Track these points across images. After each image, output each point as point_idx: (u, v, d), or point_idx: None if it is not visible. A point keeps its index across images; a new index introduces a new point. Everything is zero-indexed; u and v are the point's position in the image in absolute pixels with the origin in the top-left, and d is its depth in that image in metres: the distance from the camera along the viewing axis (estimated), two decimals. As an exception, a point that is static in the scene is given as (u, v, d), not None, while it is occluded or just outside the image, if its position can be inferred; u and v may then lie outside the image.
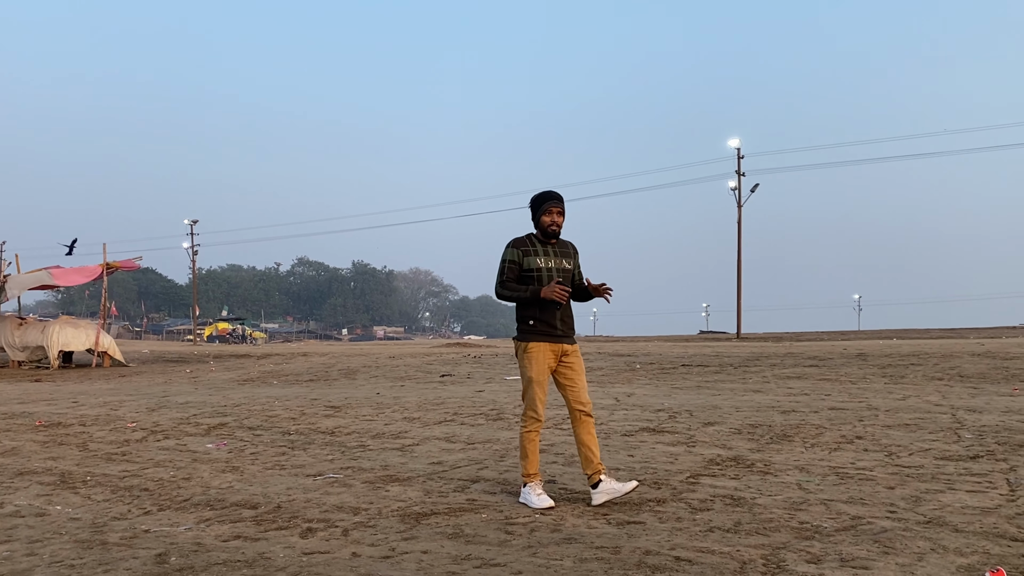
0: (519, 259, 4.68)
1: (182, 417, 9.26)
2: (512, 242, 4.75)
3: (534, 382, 4.66)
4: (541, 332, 4.65)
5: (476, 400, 10.09)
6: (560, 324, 4.67)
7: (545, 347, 4.64)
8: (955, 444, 6.20)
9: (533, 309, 4.65)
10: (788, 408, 8.52)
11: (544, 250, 4.70)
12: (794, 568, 3.40)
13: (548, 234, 4.70)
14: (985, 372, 11.54)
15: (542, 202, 4.70)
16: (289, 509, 4.71)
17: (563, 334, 4.69)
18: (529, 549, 3.80)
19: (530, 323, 4.66)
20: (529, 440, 4.70)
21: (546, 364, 4.65)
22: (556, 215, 4.68)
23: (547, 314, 4.64)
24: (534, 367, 4.64)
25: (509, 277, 4.68)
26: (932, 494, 4.66)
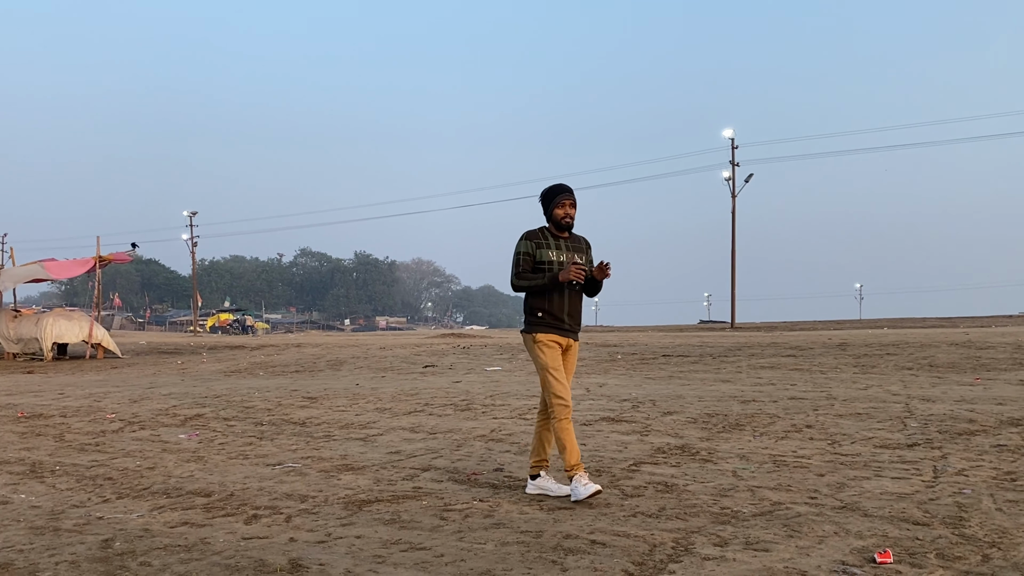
0: (533, 251, 4.66)
1: (161, 408, 9.47)
2: (526, 234, 4.73)
3: (552, 368, 4.62)
4: (548, 324, 4.65)
5: (450, 391, 10.28)
6: (567, 318, 4.67)
7: (554, 338, 4.65)
8: (898, 433, 6.38)
9: (543, 301, 4.64)
10: (749, 398, 8.70)
11: (557, 243, 4.69)
12: (699, 551, 3.58)
13: (561, 227, 4.70)
14: (956, 362, 11.70)
15: (554, 195, 4.70)
16: (241, 497, 4.90)
17: (569, 328, 4.69)
18: (458, 534, 3.99)
19: (538, 315, 4.66)
20: (564, 430, 4.55)
21: (557, 351, 4.66)
22: (568, 207, 4.69)
23: (555, 307, 4.64)
24: (548, 355, 4.63)
25: (525, 268, 4.66)
26: (857, 481, 4.84)
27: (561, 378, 4.62)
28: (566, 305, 4.65)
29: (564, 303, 4.64)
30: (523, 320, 4.77)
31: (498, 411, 8.30)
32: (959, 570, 3.21)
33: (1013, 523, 3.84)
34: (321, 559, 3.63)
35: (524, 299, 4.72)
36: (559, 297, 4.62)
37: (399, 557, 3.65)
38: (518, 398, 9.37)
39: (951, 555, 3.40)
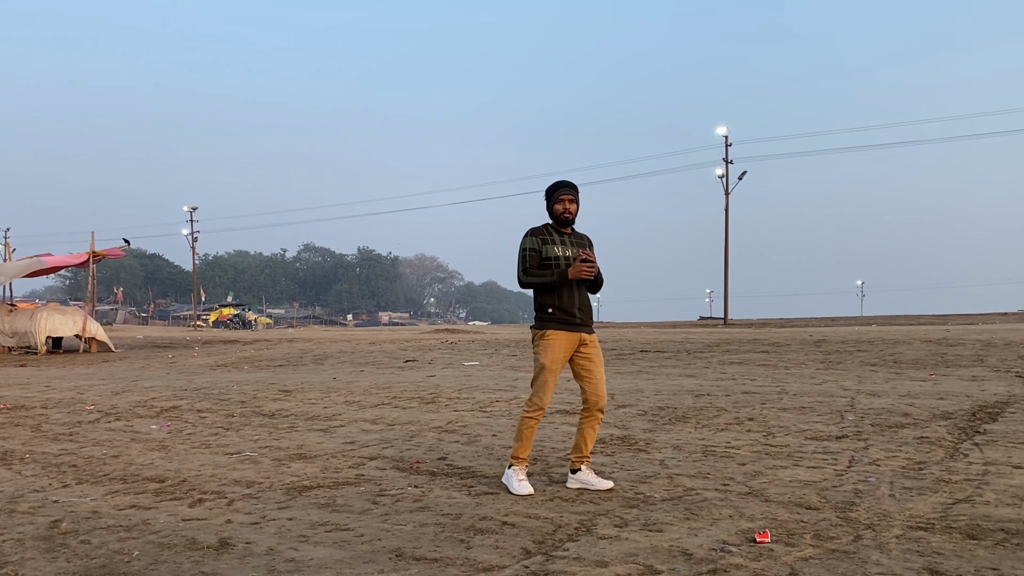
0: (539, 247, 4.68)
1: (140, 400, 9.76)
2: (530, 231, 4.75)
3: (546, 369, 4.63)
4: (560, 320, 4.64)
5: (421, 385, 10.56)
6: (579, 312, 4.67)
7: (563, 336, 4.63)
8: (833, 426, 6.64)
9: (552, 297, 4.64)
10: (705, 392, 8.97)
11: (561, 239, 4.71)
12: (600, 531, 3.85)
13: (561, 222, 4.73)
14: (921, 358, 11.94)
15: (554, 191, 4.74)
16: (192, 483, 5.18)
17: (582, 322, 4.69)
18: (384, 517, 4.26)
19: (549, 311, 4.65)
20: (527, 425, 4.67)
21: (562, 353, 4.64)
22: (568, 203, 4.71)
23: (565, 302, 4.64)
24: (548, 354, 4.63)
25: (531, 264, 4.68)
26: (774, 470, 5.10)
27: (551, 381, 4.65)
28: (576, 299, 4.67)
29: (574, 297, 4.66)
30: (533, 316, 4.80)
31: (461, 404, 8.57)
32: (827, 548, 3.48)
33: (898, 508, 4.10)
34: (249, 538, 3.91)
35: (534, 296, 4.74)
36: (568, 292, 4.65)
37: (322, 537, 3.92)
38: (484, 392, 9.65)
39: (826, 535, 3.66)
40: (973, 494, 4.34)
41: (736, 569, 3.25)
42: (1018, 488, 4.44)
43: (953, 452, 5.49)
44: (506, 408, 8.22)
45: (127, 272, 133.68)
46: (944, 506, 4.12)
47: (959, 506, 4.11)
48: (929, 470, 4.96)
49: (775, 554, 3.42)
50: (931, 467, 5.05)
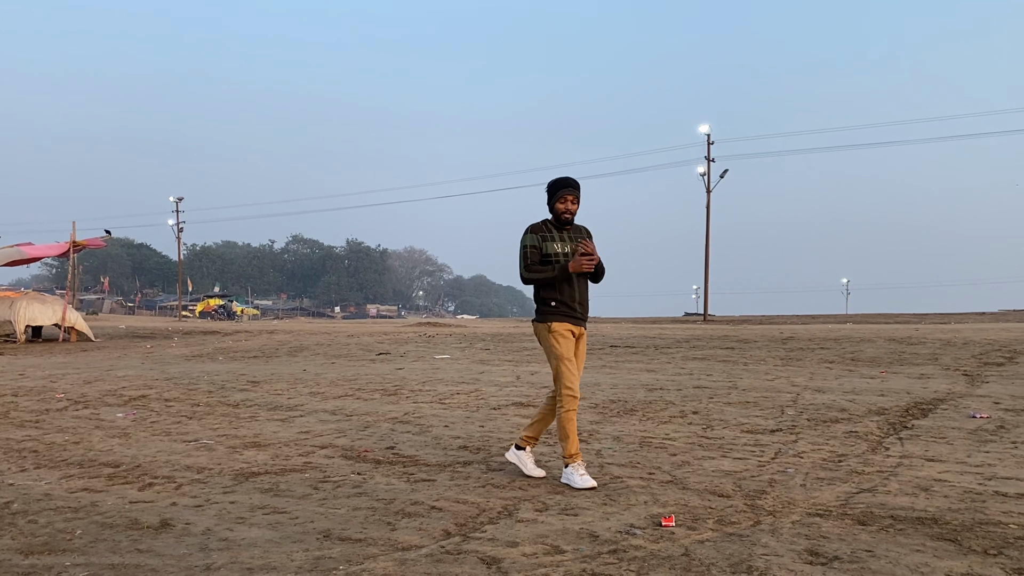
0: (539, 243, 4.77)
1: (111, 389, 9.95)
2: (530, 228, 4.84)
3: (564, 359, 4.71)
4: (562, 313, 4.75)
5: (388, 377, 10.78)
6: (578, 306, 4.79)
7: (567, 327, 4.76)
8: (772, 419, 6.90)
9: (555, 291, 4.74)
10: (659, 386, 9.23)
11: (560, 236, 4.80)
12: (520, 515, 4.09)
13: (562, 221, 4.81)
14: (880, 356, 12.23)
15: (557, 189, 4.78)
16: (145, 468, 5.39)
17: (580, 316, 4.81)
18: (322, 501, 4.48)
19: (551, 304, 4.76)
20: (568, 420, 4.68)
21: (571, 341, 4.77)
22: (570, 203, 4.78)
23: (567, 295, 4.75)
24: (562, 344, 4.73)
25: (533, 261, 4.76)
26: (701, 460, 5.36)
27: (573, 368, 4.72)
28: (576, 293, 4.78)
29: (575, 291, 4.77)
30: (535, 310, 4.88)
31: (421, 397, 8.80)
32: (725, 532, 3.73)
33: (805, 496, 4.36)
34: (189, 519, 4.13)
35: (535, 290, 4.83)
36: (569, 286, 4.75)
37: (258, 519, 4.14)
38: (447, 384, 9.88)
39: (728, 521, 3.91)
40: (879, 485, 4.60)
41: (635, 550, 3.50)
42: (922, 479, 4.70)
43: (876, 446, 5.75)
44: (465, 400, 8.45)
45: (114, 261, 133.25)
46: (848, 495, 4.37)
47: (861, 495, 4.36)
48: (847, 462, 5.22)
49: (675, 537, 3.67)
50: (850, 460, 5.30)
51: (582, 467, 4.70)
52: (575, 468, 4.67)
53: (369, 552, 3.54)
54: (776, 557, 3.35)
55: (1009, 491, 4.41)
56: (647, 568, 3.26)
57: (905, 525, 3.77)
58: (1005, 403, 7.49)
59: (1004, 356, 11.53)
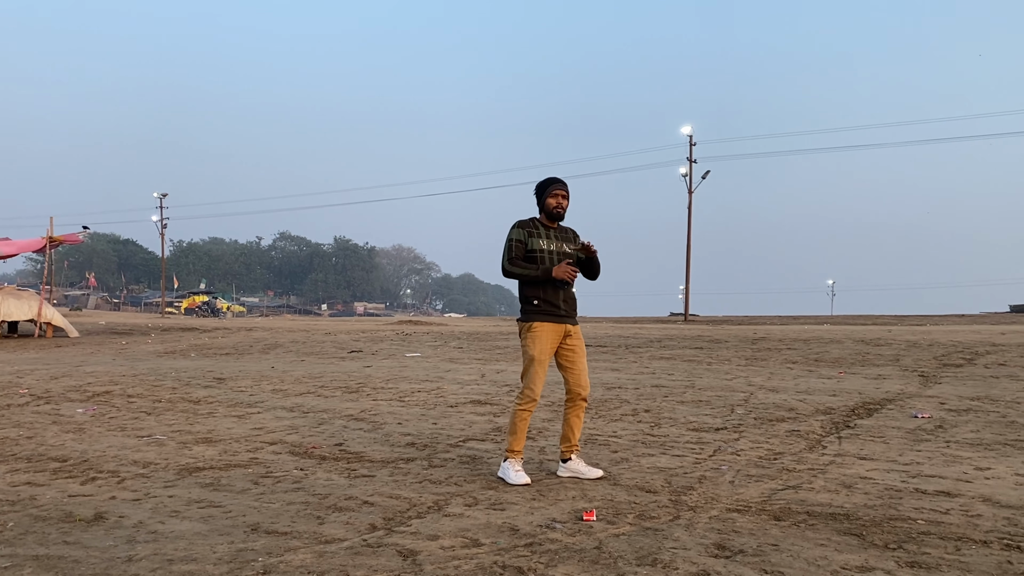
0: (525, 239, 4.80)
1: (76, 385, 9.98)
2: (517, 223, 4.86)
3: (535, 361, 4.73)
4: (546, 312, 4.76)
5: (354, 375, 10.85)
6: (563, 304, 4.80)
7: (549, 327, 4.75)
8: (720, 418, 7.01)
9: (538, 290, 4.76)
10: (619, 385, 9.33)
11: (547, 233, 4.83)
12: (449, 510, 4.18)
13: (552, 217, 4.84)
14: (844, 357, 12.38)
15: (547, 186, 4.83)
16: (93, 463, 5.45)
17: (566, 314, 4.82)
18: (259, 496, 4.55)
19: (534, 303, 4.76)
20: (520, 418, 4.76)
21: (549, 344, 4.76)
22: (561, 198, 4.82)
23: (552, 295, 4.76)
24: (537, 346, 4.74)
25: (517, 255, 4.79)
26: (640, 457, 5.46)
27: (541, 372, 4.76)
28: (561, 292, 4.79)
29: (559, 290, 4.78)
30: (520, 308, 4.90)
31: (382, 394, 8.87)
32: (643, 526, 3.82)
33: (730, 493, 4.46)
34: (124, 513, 4.19)
35: (519, 288, 4.86)
36: (553, 285, 4.76)
37: (192, 512, 4.21)
38: (410, 382, 9.96)
39: (648, 515, 4.01)
40: (805, 482, 4.70)
41: (551, 543, 3.59)
42: (848, 477, 4.81)
43: (814, 444, 5.87)
44: (424, 398, 8.53)
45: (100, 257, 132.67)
46: (771, 492, 4.48)
47: (785, 492, 4.47)
48: (781, 460, 5.33)
49: (593, 530, 3.76)
50: (785, 458, 5.41)
51: (519, 464, 4.78)
52: (512, 463, 4.76)
53: (291, 545, 3.62)
54: (683, 550, 3.44)
55: (928, 488, 4.53)
56: (557, 560, 3.35)
57: (818, 521, 3.88)
58: (951, 403, 7.63)
59: (964, 358, 11.69)
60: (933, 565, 3.23)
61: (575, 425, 4.93)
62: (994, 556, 3.34)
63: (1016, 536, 3.60)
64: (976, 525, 3.79)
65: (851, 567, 3.22)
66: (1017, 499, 4.27)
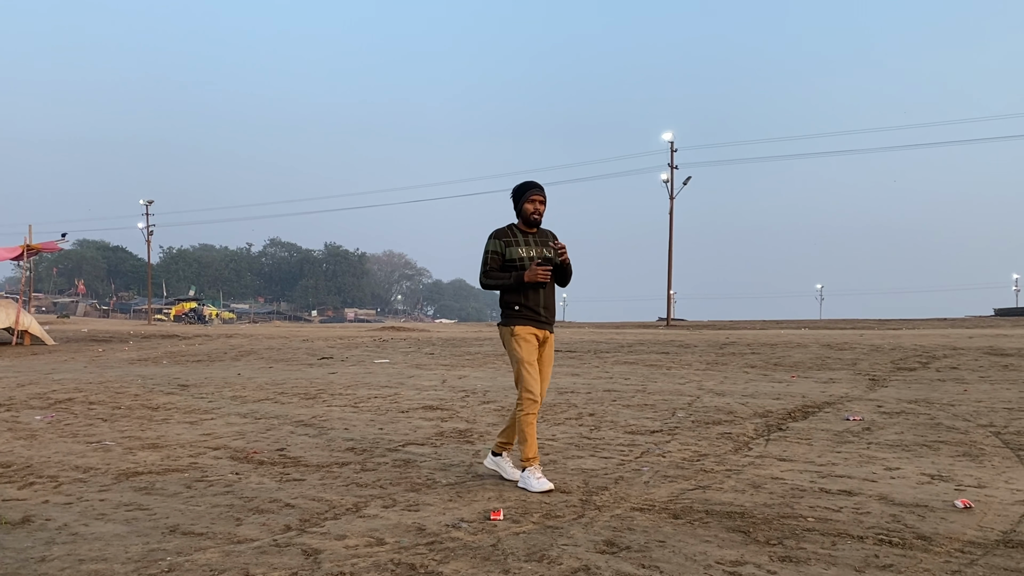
0: (501, 249, 4.84)
1: (40, 392, 10.09)
2: (494, 233, 4.88)
3: (525, 362, 4.77)
4: (526, 317, 4.82)
5: (316, 382, 10.99)
6: (543, 311, 4.86)
7: (530, 331, 4.83)
8: (659, 421, 7.18)
9: (518, 296, 4.81)
10: (573, 389, 9.50)
11: (525, 239, 4.86)
12: (366, 511, 4.33)
13: (530, 222, 4.87)
14: (804, 361, 12.58)
15: (524, 191, 4.85)
16: (36, 468, 5.58)
17: (546, 320, 4.88)
18: (187, 499, 4.70)
19: (515, 308, 4.83)
20: (527, 423, 4.75)
21: (534, 345, 4.82)
22: (538, 203, 4.84)
23: (531, 300, 4.81)
24: (524, 348, 4.79)
25: (492, 267, 4.83)
26: (569, 459, 5.62)
27: (534, 373, 4.79)
28: (541, 298, 4.84)
29: (539, 296, 4.84)
30: (500, 314, 4.95)
31: (338, 400, 9.02)
32: (545, 525, 3.98)
33: (640, 493, 4.63)
34: (51, 516, 4.33)
35: (500, 295, 4.90)
36: (534, 291, 4.81)
37: (119, 515, 4.35)
38: (370, 388, 10.11)
39: (554, 515, 4.17)
40: (716, 483, 4.87)
41: (451, 542, 3.75)
42: (760, 477, 4.99)
43: (741, 446, 6.04)
44: (378, 404, 8.67)
45: (89, 264, 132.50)
46: (681, 492, 4.64)
47: (694, 492, 4.64)
48: (703, 462, 5.50)
49: (496, 529, 3.92)
50: (708, 459, 5.59)
51: (539, 470, 4.75)
52: (532, 471, 4.73)
53: (203, 545, 3.76)
54: (574, 547, 3.61)
55: (833, 488, 4.70)
56: (451, 557, 3.51)
57: (712, 519, 4.05)
58: (888, 406, 7.82)
59: (920, 361, 11.90)
60: (804, 559, 3.41)
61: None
62: (865, 550, 3.51)
63: (892, 532, 3.78)
64: (861, 522, 3.96)
65: (726, 562, 3.39)
66: (912, 497, 4.45)
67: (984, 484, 4.75)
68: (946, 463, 5.35)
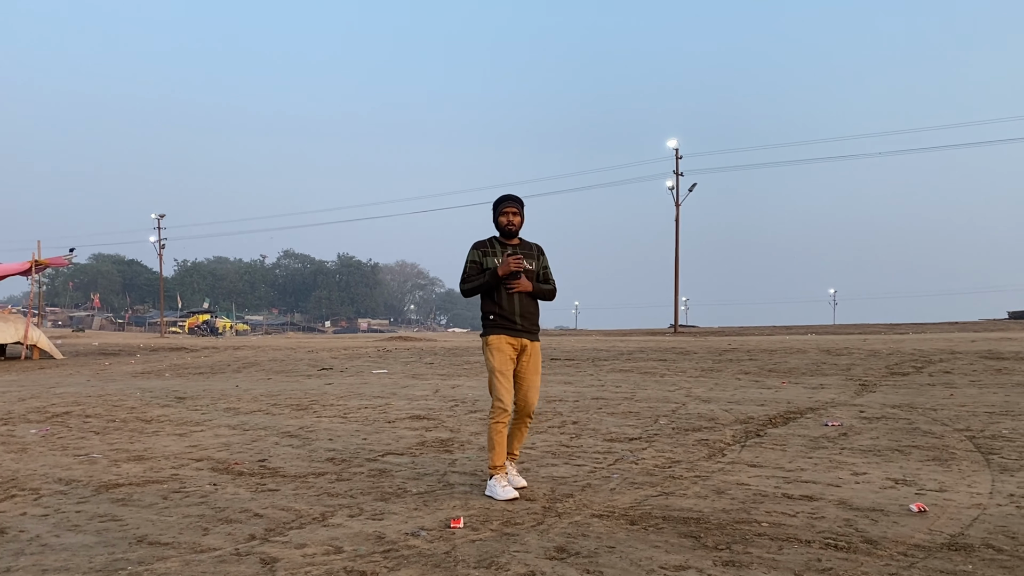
0: (479, 259, 4.95)
1: (40, 406, 10.24)
2: (474, 244, 5.02)
3: (497, 371, 4.85)
4: (500, 326, 4.88)
5: (310, 393, 11.10)
6: (520, 319, 4.90)
7: (505, 339, 4.88)
8: (640, 429, 7.23)
9: (494, 305, 4.90)
10: (561, 398, 9.56)
11: (502, 251, 4.96)
12: (331, 520, 4.41)
13: (506, 234, 4.99)
14: (799, 367, 12.58)
15: (498, 204, 5.00)
16: (20, 481, 5.70)
17: (523, 328, 4.92)
18: (161, 510, 4.79)
19: (491, 317, 4.90)
20: (495, 431, 4.82)
21: (508, 355, 4.87)
22: (512, 215, 4.97)
23: (506, 309, 4.88)
24: (496, 358, 4.86)
25: (470, 275, 4.96)
26: (542, 467, 5.68)
27: (505, 382, 4.85)
28: (517, 306, 4.89)
29: (515, 304, 4.89)
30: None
31: (328, 411, 9.12)
32: (502, 532, 4.06)
33: (604, 499, 4.69)
34: (26, 527, 4.44)
35: (480, 305, 5.00)
36: (508, 300, 4.88)
37: (92, 526, 4.45)
38: (362, 399, 10.20)
39: (513, 522, 4.24)
40: (681, 489, 4.93)
41: (407, 549, 3.83)
42: (726, 484, 5.04)
43: (715, 453, 6.09)
44: (367, 414, 8.77)
45: (104, 278, 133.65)
46: (644, 498, 4.70)
47: (657, 498, 4.70)
48: (674, 469, 5.55)
49: (453, 537, 4.00)
50: (680, 466, 5.64)
51: (505, 479, 4.84)
52: (497, 480, 4.80)
53: (166, 555, 3.86)
54: (524, 553, 3.68)
55: (795, 493, 4.75)
56: (402, 564, 3.59)
57: (668, 525, 4.11)
58: (870, 411, 7.84)
59: (915, 366, 11.89)
60: (747, 563, 3.46)
61: (515, 437, 5.05)
62: (809, 554, 3.56)
63: (841, 536, 3.83)
64: (813, 526, 4.01)
65: (669, 566, 3.45)
66: (870, 502, 4.49)
67: (946, 488, 4.79)
68: (913, 467, 5.38)
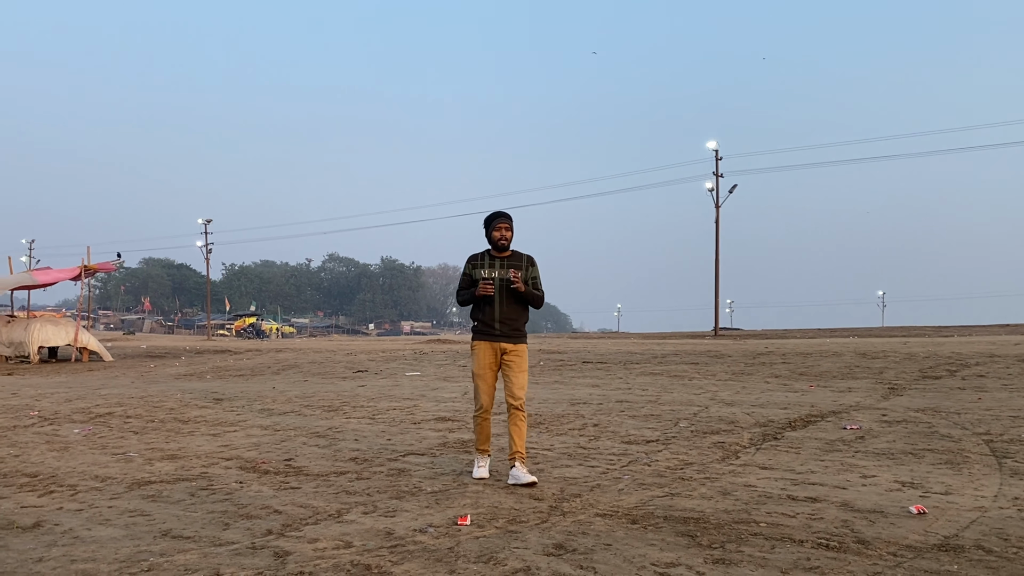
0: (470, 271, 5.53)
1: (84, 407, 10.64)
2: (468, 258, 5.59)
3: (475, 375, 5.50)
4: (481, 332, 5.47)
5: (343, 395, 11.35)
6: (499, 325, 5.42)
7: (485, 345, 5.45)
8: (659, 431, 7.32)
9: (477, 311, 5.48)
10: (585, 400, 9.67)
11: (491, 262, 5.46)
12: (346, 517, 4.59)
13: (498, 247, 5.47)
14: (831, 370, 12.51)
15: (491, 221, 5.48)
16: (59, 478, 5.98)
17: (501, 334, 5.43)
18: (188, 506, 5.02)
19: (474, 324, 5.50)
20: (477, 423, 5.55)
21: (486, 360, 5.44)
22: (504, 230, 5.45)
23: (486, 316, 5.43)
24: (474, 363, 5.49)
25: (462, 286, 5.57)
26: (557, 468, 5.82)
27: (481, 384, 5.46)
28: (496, 313, 5.41)
29: (495, 312, 5.41)
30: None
31: (358, 412, 9.34)
32: (507, 529, 4.20)
33: (610, 500, 4.81)
34: (60, 521, 4.69)
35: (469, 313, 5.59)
36: (489, 308, 5.42)
37: (122, 521, 4.69)
38: (393, 400, 10.42)
39: (519, 520, 4.38)
40: (688, 490, 5.02)
41: (413, 545, 3.99)
42: (734, 485, 5.12)
43: (729, 455, 6.16)
44: (395, 416, 8.97)
45: (155, 282, 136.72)
46: (649, 499, 4.81)
47: (662, 499, 4.80)
48: (685, 470, 5.64)
49: (459, 534, 4.15)
50: (691, 468, 5.73)
51: (483, 459, 5.57)
52: (477, 459, 5.59)
53: (186, 547, 4.07)
54: (523, 550, 3.82)
55: (800, 495, 4.82)
56: (406, 559, 3.75)
57: (667, 524, 4.22)
58: (893, 415, 7.82)
59: (949, 369, 11.76)
60: (737, 561, 3.56)
61: (515, 434, 5.41)
62: (799, 553, 3.65)
63: (834, 537, 3.90)
64: (809, 527, 4.09)
65: (660, 564, 3.56)
66: (873, 504, 4.55)
67: (952, 491, 4.81)
68: (924, 471, 5.40)
